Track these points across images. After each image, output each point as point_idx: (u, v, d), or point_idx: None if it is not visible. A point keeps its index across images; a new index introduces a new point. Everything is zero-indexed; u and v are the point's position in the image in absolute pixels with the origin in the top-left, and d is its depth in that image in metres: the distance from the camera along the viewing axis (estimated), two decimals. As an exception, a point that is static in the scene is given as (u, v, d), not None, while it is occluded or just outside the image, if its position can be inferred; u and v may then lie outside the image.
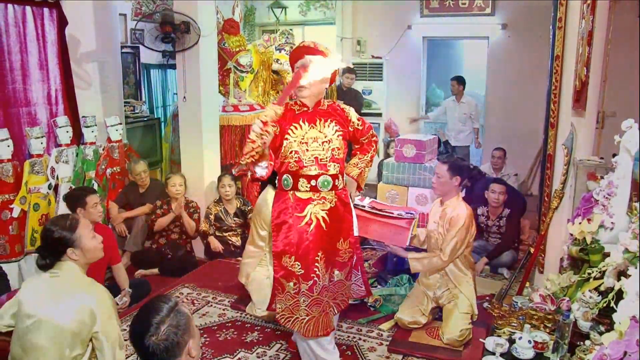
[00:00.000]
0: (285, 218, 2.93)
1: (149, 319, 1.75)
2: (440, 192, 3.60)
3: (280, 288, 2.96)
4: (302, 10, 8.76)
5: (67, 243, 2.41)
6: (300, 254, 2.91)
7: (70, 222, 2.47)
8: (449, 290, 3.60)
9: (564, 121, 3.83)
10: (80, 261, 2.46)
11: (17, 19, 4.54)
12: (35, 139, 4.53)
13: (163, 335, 1.73)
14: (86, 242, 2.47)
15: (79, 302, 2.33)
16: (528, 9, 6.90)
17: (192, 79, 4.96)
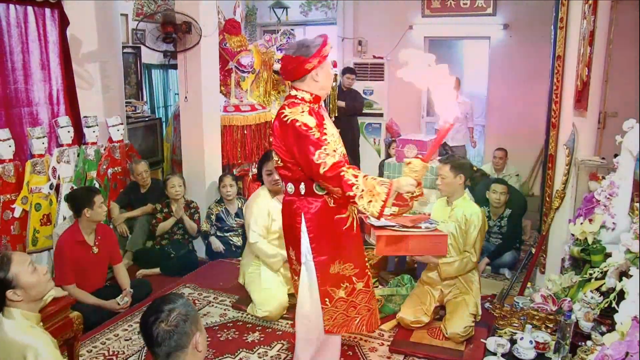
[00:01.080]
0: (325, 226, 2.77)
1: (161, 306, 1.80)
2: (447, 192, 3.61)
3: (328, 299, 2.81)
4: (304, 10, 8.76)
5: (3, 285, 2.16)
6: (352, 254, 2.84)
7: (1, 262, 2.20)
8: (457, 289, 3.60)
9: (565, 121, 3.83)
10: (25, 300, 2.21)
11: (19, 19, 4.54)
12: (37, 139, 4.53)
13: (173, 321, 1.76)
14: (25, 278, 2.20)
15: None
16: (529, 9, 6.90)
17: (194, 79, 4.96)
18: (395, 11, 7.80)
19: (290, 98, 2.76)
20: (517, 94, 7.24)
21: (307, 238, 2.76)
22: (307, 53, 2.65)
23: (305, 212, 2.74)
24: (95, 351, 3.54)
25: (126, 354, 3.52)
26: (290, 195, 2.80)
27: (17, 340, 2.14)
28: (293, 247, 2.86)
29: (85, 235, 3.96)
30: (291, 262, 2.96)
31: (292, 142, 2.61)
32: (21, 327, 2.19)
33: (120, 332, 3.77)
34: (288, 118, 2.62)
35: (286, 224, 2.89)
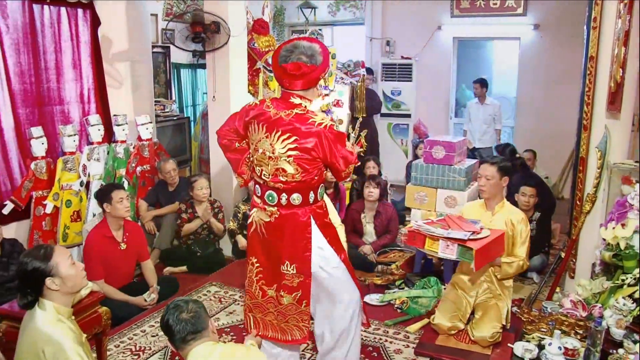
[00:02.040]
0: (331, 227, 2.84)
1: (177, 304, 2.22)
2: (489, 195, 3.55)
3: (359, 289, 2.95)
4: (332, 10, 8.75)
5: (44, 273, 2.26)
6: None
7: (45, 251, 2.32)
8: (491, 293, 3.54)
9: (597, 123, 3.75)
10: (62, 291, 2.31)
11: (53, 20, 4.64)
12: (68, 136, 4.62)
13: (192, 309, 2.20)
14: (64, 269, 2.31)
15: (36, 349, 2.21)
16: (561, 9, 6.78)
17: (222, 79, 5.00)
18: (424, 11, 7.74)
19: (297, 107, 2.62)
20: (547, 95, 7.14)
21: (326, 242, 2.76)
22: (317, 60, 2.59)
23: (317, 219, 2.73)
24: (123, 346, 3.58)
25: (152, 350, 3.56)
26: (295, 207, 2.68)
27: (42, 332, 2.22)
28: (294, 262, 2.73)
29: (113, 231, 4.02)
30: (282, 277, 2.77)
31: (332, 146, 2.58)
32: (50, 320, 2.26)
33: (147, 328, 3.81)
34: (325, 124, 2.56)
35: (288, 238, 2.72)
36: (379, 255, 4.91)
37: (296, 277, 2.75)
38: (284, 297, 2.80)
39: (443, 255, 3.05)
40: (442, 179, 4.64)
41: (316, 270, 2.76)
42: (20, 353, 2.27)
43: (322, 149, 2.57)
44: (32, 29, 4.46)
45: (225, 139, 2.84)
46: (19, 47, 4.38)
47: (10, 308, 2.93)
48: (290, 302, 2.80)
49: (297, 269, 2.74)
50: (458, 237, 2.98)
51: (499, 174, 3.48)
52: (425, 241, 3.08)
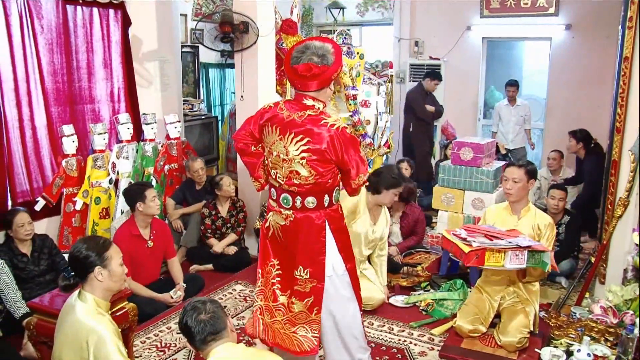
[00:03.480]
0: (345, 233, 2.81)
1: (195, 305, 2.17)
2: (516, 198, 3.50)
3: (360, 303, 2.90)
4: (360, 10, 8.73)
5: (95, 262, 2.36)
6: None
7: (103, 242, 2.45)
8: (518, 298, 3.48)
9: (631, 126, 3.67)
10: (105, 284, 2.39)
11: (85, 20, 4.72)
12: (98, 135, 4.69)
13: (210, 310, 2.15)
14: (115, 265, 2.41)
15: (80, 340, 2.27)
16: (594, 8, 6.65)
17: (250, 79, 5.02)
18: (453, 11, 7.66)
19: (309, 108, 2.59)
20: (578, 97, 7.00)
21: (337, 248, 2.72)
22: (329, 61, 2.54)
23: (330, 224, 2.69)
24: (149, 342, 3.63)
25: (178, 347, 3.59)
26: (309, 210, 2.66)
27: (85, 323, 2.28)
28: (307, 266, 2.70)
29: (140, 229, 4.07)
30: (295, 282, 2.73)
31: (344, 149, 2.54)
32: (91, 312, 2.32)
33: (172, 325, 3.85)
34: (338, 126, 2.53)
35: (302, 241, 2.69)
36: (404, 256, 4.88)
37: (309, 282, 2.71)
38: (295, 304, 2.74)
39: (511, 266, 2.94)
40: (469, 181, 4.60)
41: (330, 275, 2.73)
42: (61, 344, 2.32)
43: (334, 151, 2.54)
44: (65, 29, 4.55)
45: (241, 143, 2.80)
46: (52, 47, 4.47)
47: (41, 302, 2.99)
48: (301, 310, 2.74)
49: (310, 274, 2.70)
50: (525, 244, 2.93)
51: (526, 177, 3.43)
52: (485, 257, 2.94)
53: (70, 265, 2.44)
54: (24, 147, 4.36)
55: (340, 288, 2.77)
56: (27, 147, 4.38)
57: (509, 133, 7.03)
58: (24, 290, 3.55)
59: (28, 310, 3.22)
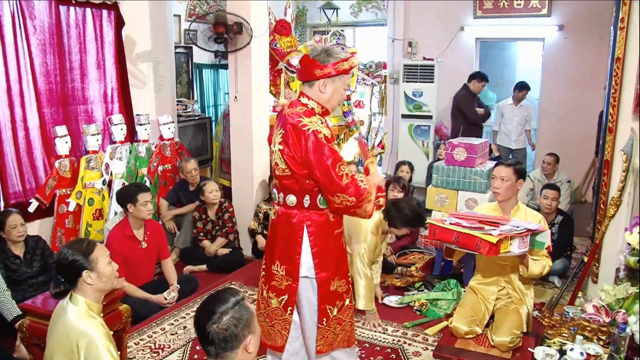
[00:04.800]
0: (327, 241, 2.73)
1: (214, 307, 1.83)
2: (504, 197, 3.44)
3: (325, 318, 2.75)
4: (354, 11, 8.74)
5: (82, 265, 2.31)
6: (344, 271, 2.81)
7: (87, 245, 2.39)
8: (511, 299, 3.48)
9: (623, 126, 3.69)
10: (95, 286, 2.35)
11: (78, 20, 4.71)
12: (92, 135, 4.68)
13: (224, 325, 1.80)
14: (102, 266, 2.36)
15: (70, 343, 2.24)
16: (587, 9, 6.68)
17: (244, 79, 5.02)
18: (447, 12, 7.69)
19: (301, 105, 2.64)
20: (571, 98, 7.03)
21: (310, 253, 2.68)
22: (323, 60, 2.57)
23: (309, 226, 2.66)
24: (142, 344, 3.62)
25: (172, 348, 3.58)
26: (290, 208, 2.68)
27: (76, 326, 2.25)
28: (284, 262, 2.71)
29: (134, 230, 4.06)
30: (272, 277, 2.76)
31: (312, 153, 2.51)
32: (82, 314, 2.30)
33: (166, 326, 3.84)
34: (309, 128, 2.52)
35: (281, 237, 2.73)
36: (398, 256, 4.89)
37: (285, 279, 2.72)
38: (272, 300, 2.76)
39: (519, 252, 2.90)
40: (463, 181, 4.61)
41: (304, 276, 2.71)
42: (52, 347, 2.31)
43: (293, 146, 2.55)
44: (58, 29, 4.54)
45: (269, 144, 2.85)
46: (45, 48, 4.46)
47: (33, 304, 2.98)
48: (277, 306, 2.75)
49: (286, 271, 2.71)
50: (531, 227, 2.93)
51: (515, 176, 3.38)
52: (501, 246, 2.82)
53: (58, 272, 2.41)
54: (17, 148, 4.35)
55: (310, 293, 2.74)
56: (20, 148, 4.37)
57: (512, 133, 7.03)
58: (17, 292, 3.54)
59: (20, 312, 3.21)
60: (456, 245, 2.95)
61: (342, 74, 2.62)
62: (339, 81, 2.63)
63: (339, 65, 2.58)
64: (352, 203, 2.55)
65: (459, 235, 2.89)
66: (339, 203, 2.58)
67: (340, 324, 2.81)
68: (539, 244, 2.96)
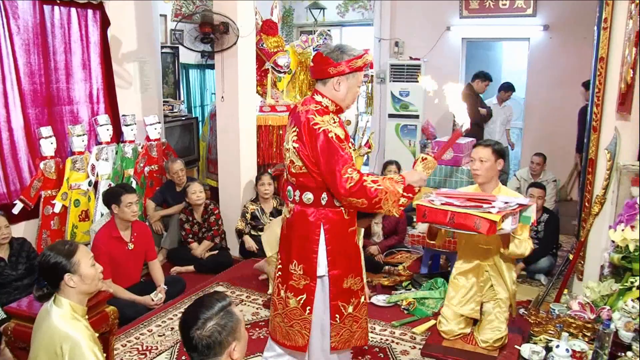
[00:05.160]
0: (342, 238, 2.72)
1: (199, 313, 1.80)
2: (484, 179, 3.33)
3: (339, 315, 2.75)
4: (340, 11, 8.75)
5: (64, 268, 2.27)
6: (358, 268, 2.82)
7: (69, 247, 2.35)
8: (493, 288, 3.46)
9: (607, 125, 3.73)
10: (78, 289, 2.31)
11: (63, 20, 4.67)
12: (77, 136, 4.64)
13: (207, 332, 1.77)
14: (85, 268, 2.32)
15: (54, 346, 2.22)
16: (571, 9, 6.74)
17: (230, 79, 5.01)
18: (433, 12, 7.72)
19: (315, 103, 2.64)
20: (556, 97, 7.09)
21: (325, 251, 2.69)
22: (337, 57, 2.57)
23: (325, 223, 2.67)
24: (130, 345, 3.60)
25: (159, 349, 3.57)
26: (306, 205, 2.68)
27: (60, 328, 2.23)
28: (301, 262, 2.72)
29: (121, 231, 4.04)
30: (289, 277, 2.76)
31: (321, 153, 2.53)
32: (66, 317, 2.27)
33: (154, 328, 3.83)
34: (320, 127, 2.53)
35: (298, 236, 2.73)
36: (386, 256, 4.91)
37: (302, 278, 2.73)
38: (290, 300, 2.77)
39: (512, 228, 2.79)
40: (449, 180, 4.64)
41: (321, 275, 2.72)
42: (36, 350, 2.29)
43: (306, 144, 2.58)
44: (42, 29, 4.49)
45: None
46: (29, 48, 4.41)
47: (18, 307, 2.95)
48: (295, 306, 2.76)
49: (303, 270, 2.72)
50: (523, 202, 2.86)
51: (493, 156, 3.28)
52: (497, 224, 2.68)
53: (40, 275, 2.38)
54: (1, 149, 4.30)
55: (324, 290, 2.75)
56: (4, 149, 4.32)
57: (495, 132, 7.07)
58: (1, 295, 3.51)
59: (5, 315, 3.18)
60: (451, 227, 2.79)
61: (355, 72, 2.62)
62: (352, 79, 2.63)
63: (353, 62, 2.58)
64: (365, 205, 2.52)
65: (454, 215, 2.74)
66: (348, 205, 2.59)
67: (357, 322, 2.83)
68: (526, 218, 2.89)
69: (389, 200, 2.52)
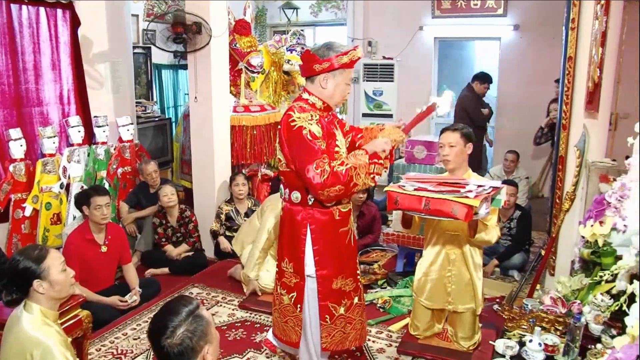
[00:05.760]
0: (331, 239, 2.72)
1: (167, 321, 1.75)
2: (454, 164, 3.23)
3: (329, 315, 2.76)
4: (314, 11, 8.76)
5: (33, 274, 2.22)
6: (353, 269, 2.84)
7: (39, 252, 2.28)
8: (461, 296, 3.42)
9: (576, 123, 3.80)
10: (47, 295, 2.26)
11: (31, 20, 4.58)
12: (48, 138, 4.57)
13: (177, 339, 1.73)
14: (55, 274, 2.26)
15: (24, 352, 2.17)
16: (540, 9, 6.86)
17: (204, 80, 4.98)
18: (406, 12, 7.78)
19: (301, 101, 2.67)
20: (527, 95, 7.21)
21: (312, 250, 2.70)
22: (323, 54, 2.58)
23: (312, 224, 2.68)
24: (104, 350, 3.55)
25: (135, 353, 3.53)
26: (294, 204, 2.70)
27: (30, 335, 2.18)
28: (291, 260, 2.76)
29: (94, 234, 3.98)
30: (282, 274, 2.82)
31: (295, 150, 2.54)
32: (36, 323, 2.23)
33: (129, 331, 3.79)
34: (296, 124, 2.53)
35: (286, 234, 2.77)
36: (361, 254, 4.93)
37: (293, 276, 2.77)
38: (284, 297, 2.81)
39: (485, 213, 2.68)
40: (423, 179, 4.66)
41: (309, 275, 2.73)
42: (6, 357, 2.23)
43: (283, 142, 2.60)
44: (9, 29, 4.40)
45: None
46: (-4, 48, 4.33)
47: (-11, 312, 2.89)
48: (288, 303, 2.79)
49: (293, 268, 2.76)
50: (496, 185, 2.79)
51: (462, 140, 3.21)
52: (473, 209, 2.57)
53: (9, 280, 2.31)
54: (-31, 152, 4.21)
55: (313, 290, 2.76)
56: (-28, 152, 4.24)
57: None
58: (-29, 300, 3.43)
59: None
60: (426, 213, 2.64)
61: (343, 68, 2.61)
62: (340, 76, 2.63)
63: (338, 59, 2.57)
64: (342, 190, 2.49)
65: (429, 201, 2.60)
66: (327, 198, 2.55)
67: (350, 323, 2.83)
68: (497, 201, 2.84)
69: (361, 175, 2.51)
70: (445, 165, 3.31)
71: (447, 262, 3.35)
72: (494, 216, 3.13)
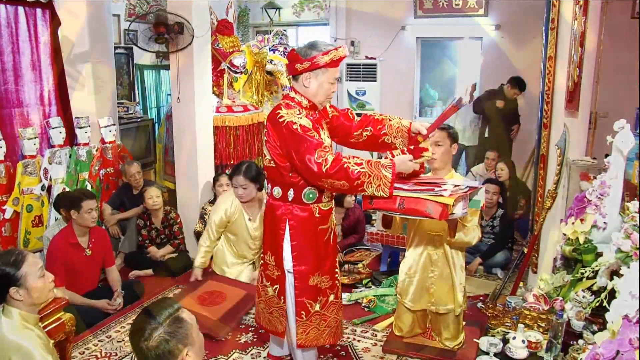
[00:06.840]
0: (309, 236, 2.76)
1: (145, 324, 1.73)
2: (439, 164, 3.19)
3: (304, 312, 2.80)
4: (296, 11, 8.75)
5: (10, 281, 2.18)
6: (330, 267, 2.86)
7: (16, 258, 2.23)
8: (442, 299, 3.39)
9: (557, 122, 3.84)
10: (25, 302, 2.23)
11: (10, 20, 4.52)
12: (28, 140, 4.52)
13: (154, 342, 1.70)
14: (32, 281, 2.22)
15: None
16: (522, 9, 6.91)
17: (186, 80, 4.95)
18: (388, 12, 7.79)
19: (288, 99, 2.72)
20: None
21: (290, 246, 2.75)
22: (305, 53, 2.61)
23: (290, 219, 2.73)
24: (88, 353, 3.52)
25: (119, 356, 3.50)
26: (276, 200, 2.77)
27: (9, 339, 2.16)
28: (272, 253, 2.84)
29: (78, 237, 3.94)
30: (266, 266, 2.91)
31: (290, 145, 2.56)
32: (17, 327, 2.20)
33: (112, 334, 3.76)
34: (284, 120, 2.57)
35: (268, 228, 2.87)
36: (345, 254, 4.93)
37: (275, 269, 2.84)
38: (268, 288, 2.89)
39: (462, 213, 2.63)
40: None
41: (288, 269, 2.79)
42: None
43: (274, 139, 2.65)
44: (-12, 29, 4.35)
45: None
46: (-26, 48, 4.27)
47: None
48: (272, 295, 2.88)
49: (275, 262, 2.83)
50: (473, 185, 2.77)
51: (449, 140, 3.19)
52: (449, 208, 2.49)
53: None
54: (-53, 154, 4.15)
55: (290, 285, 2.82)
56: (-49, 154, 4.17)
57: (466, 130, 7.16)
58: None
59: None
60: (401, 213, 2.57)
61: (325, 68, 2.62)
62: (322, 75, 2.64)
63: (319, 58, 2.58)
64: (346, 187, 2.49)
65: (404, 200, 2.53)
66: (330, 187, 2.56)
67: (325, 320, 2.87)
68: (475, 202, 2.82)
69: (373, 184, 2.46)
70: (430, 164, 3.26)
71: (429, 263, 3.35)
72: (474, 217, 3.13)
